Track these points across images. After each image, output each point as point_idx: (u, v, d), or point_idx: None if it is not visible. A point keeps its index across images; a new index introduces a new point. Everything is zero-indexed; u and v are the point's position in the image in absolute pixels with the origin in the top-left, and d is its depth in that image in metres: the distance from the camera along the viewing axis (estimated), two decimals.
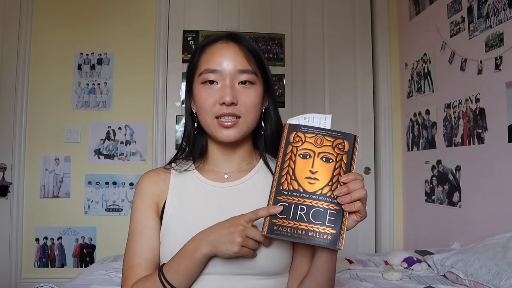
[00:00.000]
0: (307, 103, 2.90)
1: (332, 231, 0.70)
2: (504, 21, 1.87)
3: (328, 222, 0.70)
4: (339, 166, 0.73)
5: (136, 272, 0.85)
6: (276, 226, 0.70)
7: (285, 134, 0.75)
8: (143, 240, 0.86)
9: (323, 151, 0.74)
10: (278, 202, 0.71)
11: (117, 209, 2.73)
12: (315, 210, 0.71)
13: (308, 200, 0.71)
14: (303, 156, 0.74)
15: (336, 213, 0.71)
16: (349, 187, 0.70)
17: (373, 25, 2.98)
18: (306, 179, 0.72)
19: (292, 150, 0.74)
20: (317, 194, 0.72)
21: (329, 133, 0.75)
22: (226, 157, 0.92)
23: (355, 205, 0.70)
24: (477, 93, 2.06)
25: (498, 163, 1.92)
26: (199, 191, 0.89)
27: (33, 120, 2.70)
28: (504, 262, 1.38)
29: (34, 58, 2.72)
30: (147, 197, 0.89)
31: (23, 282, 2.63)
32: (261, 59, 0.89)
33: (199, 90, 0.86)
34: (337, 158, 0.73)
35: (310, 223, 0.70)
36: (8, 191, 2.62)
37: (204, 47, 0.89)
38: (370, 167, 2.91)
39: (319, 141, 0.74)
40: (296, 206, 0.71)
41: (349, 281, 1.61)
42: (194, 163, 0.93)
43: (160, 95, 2.78)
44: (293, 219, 0.70)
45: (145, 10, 2.82)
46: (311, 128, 0.75)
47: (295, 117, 0.78)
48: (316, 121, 0.77)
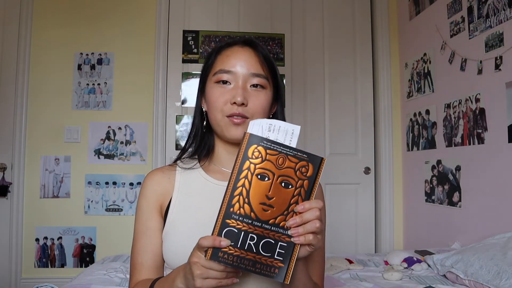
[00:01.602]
0: (307, 103, 2.90)
1: (280, 265, 0.66)
2: (504, 21, 1.87)
3: (277, 255, 0.66)
4: (298, 194, 0.67)
5: (139, 270, 0.88)
6: (221, 253, 0.65)
7: (244, 145, 0.66)
8: (145, 240, 0.89)
9: (284, 174, 0.66)
10: (226, 225, 0.65)
11: (117, 209, 2.73)
12: (266, 241, 0.66)
13: (259, 229, 0.66)
14: (261, 177, 0.66)
15: (287, 246, 0.66)
16: (303, 218, 0.66)
17: (373, 25, 2.98)
18: (260, 205, 0.66)
19: (249, 167, 0.66)
20: (269, 223, 0.66)
21: (293, 153, 0.67)
22: (232, 156, 0.93)
23: (307, 237, 0.66)
24: (477, 93, 2.06)
25: (498, 163, 1.92)
26: (205, 189, 0.90)
27: (33, 120, 2.70)
28: (504, 262, 1.38)
29: (34, 58, 2.72)
30: (151, 196, 0.91)
31: (23, 282, 2.63)
32: (274, 66, 0.92)
33: (212, 89, 0.89)
34: (297, 184, 0.67)
35: (259, 254, 0.65)
36: (8, 191, 2.62)
37: (220, 49, 0.92)
38: (370, 167, 2.91)
39: (281, 161, 0.66)
40: (246, 234, 0.65)
41: (349, 281, 1.61)
42: (200, 162, 0.95)
43: (160, 95, 2.78)
44: (241, 247, 0.65)
45: (145, 10, 2.82)
46: (274, 145, 0.67)
47: (258, 120, 0.69)
48: (282, 132, 0.69)
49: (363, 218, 2.87)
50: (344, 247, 2.76)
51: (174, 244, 0.85)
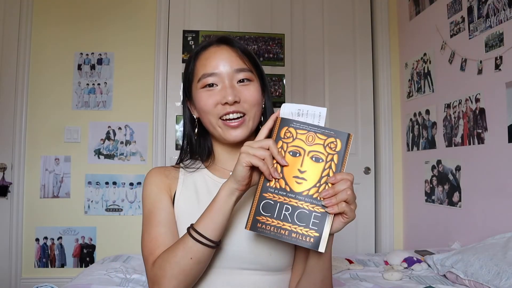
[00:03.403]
0: (307, 103, 2.88)
1: (315, 234, 0.69)
2: (504, 21, 1.87)
3: (312, 225, 0.69)
4: (329, 167, 0.72)
5: (161, 241, 0.82)
6: (260, 224, 0.70)
7: (276, 128, 0.73)
8: (162, 213, 0.86)
9: (314, 150, 0.72)
10: (263, 198, 0.71)
11: (117, 209, 2.73)
12: (300, 212, 0.70)
13: (294, 201, 0.70)
14: (293, 154, 0.72)
15: (321, 216, 0.70)
16: (335, 189, 0.70)
17: (373, 25, 2.98)
18: (294, 178, 0.71)
19: (282, 146, 0.72)
20: (303, 195, 0.71)
21: (321, 130, 0.73)
22: (231, 155, 0.94)
23: (340, 206, 0.69)
24: (477, 93, 2.06)
25: (498, 163, 1.92)
26: (207, 186, 0.91)
27: (33, 120, 2.70)
28: (504, 262, 1.38)
29: (34, 58, 2.72)
30: (159, 183, 0.90)
31: (23, 282, 2.63)
32: (254, 57, 0.92)
33: (200, 95, 0.88)
34: (327, 158, 0.72)
35: (294, 224, 0.69)
36: (8, 191, 2.62)
37: (197, 53, 0.91)
38: (370, 167, 2.91)
39: (310, 138, 0.72)
40: (282, 205, 0.70)
41: (349, 281, 1.61)
42: (204, 163, 0.96)
43: (160, 95, 2.78)
44: (277, 218, 0.70)
45: (145, 10, 2.82)
46: (303, 124, 0.73)
47: (288, 104, 0.76)
48: (310, 114, 0.75)
49: (363, 218, 2.87)
50: (344, 247, 2.76)
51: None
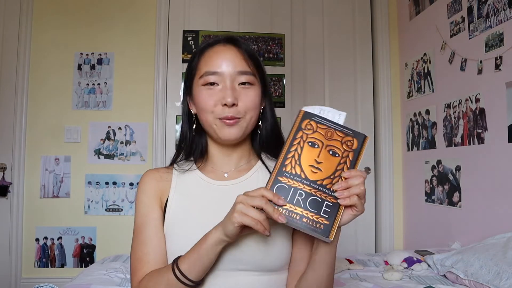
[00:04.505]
0: (307, 103, 2.90)
1: (325, 222, 0.71)
2: (504, 21, 1.87)
3: (323, 213, 0.71)
4: (344, 162, 0.74)
5: (146, 262, 0.84)
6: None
7: (299, 119, 0.77)
8: (150, 229, 0.87)
9: (332, 144, 0.75)
10: (278, 181, 0.73)
11: (117, 209, 2.73)
12: (313, 199, 0.72)
13: (308, 187, 0.72)
14: (312, 144, 0.75)
15: (332, 205, 0.72)
16: (348, 182, 0.71)
17: (373, 25, 2.98)
18: (309, 167, 0.73)
19: (302, 136, 0.75)
20: (317, 183, 0.73)
21: (340, 128, 0.76)
22: (225, 156, 0.93)
23: (351, 199, 0.71)
24: (477, 93, 2.06)
25: (498, 163, 1.92)
26: (201, 189, 0.91)
27: (33, 120, 2.70)
28: (504, 262, 1.38)
29: (34, 58, 2.72)
30: (150, 191, 0.91)
31: (23, 282, 2.62)
32: (259, 61, 0.91)
33: (200, 92, 0.88)
34: (343, 154, 0.75)
35: (306, 209, 0.71)
36: (8, 191, 2.62)
37: (203, 50, 0.91)
38: (370, 167, 2.91)
39: (329, 134, 0.76)
40: (296, 190, 0.72)
41: (349, 281, 1.61)
42: (196, 163, 0.95)
43: (160, 95, 2.78)
44: (290, 202, 0.71)
45: (145, 10, 2.82)
46: (324, 120, 0.77)
47: (311, 106, 0.79)
48: (330, 115, 0.78)
49: (363, 218, 2.86)
50: (344, 247, 2.76)
51: (174, 245, 0.85)
